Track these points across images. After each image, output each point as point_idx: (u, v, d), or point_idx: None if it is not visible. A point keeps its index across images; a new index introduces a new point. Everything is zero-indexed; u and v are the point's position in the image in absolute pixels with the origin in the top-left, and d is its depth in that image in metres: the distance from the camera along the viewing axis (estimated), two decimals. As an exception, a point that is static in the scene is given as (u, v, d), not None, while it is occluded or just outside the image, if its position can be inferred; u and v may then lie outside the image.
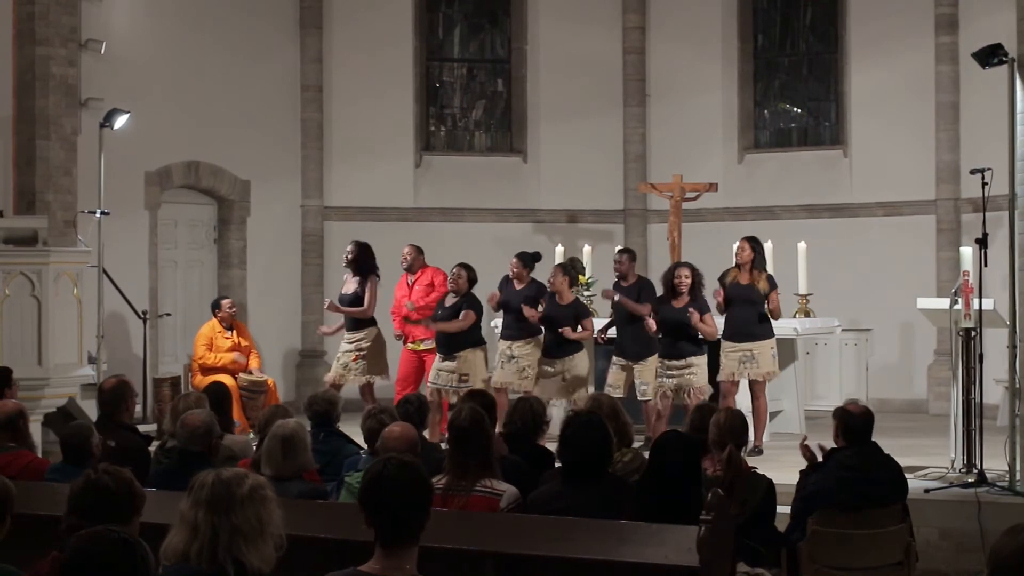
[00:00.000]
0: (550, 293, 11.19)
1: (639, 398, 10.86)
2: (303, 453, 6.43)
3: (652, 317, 10.69)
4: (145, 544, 3.67)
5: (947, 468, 9.46)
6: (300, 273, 14.86)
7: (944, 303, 9.74)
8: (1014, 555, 3.47)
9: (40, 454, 7.99)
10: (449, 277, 11.41)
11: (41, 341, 10.41)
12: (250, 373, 12.55)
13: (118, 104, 12.16)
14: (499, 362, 11.29)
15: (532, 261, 11.58)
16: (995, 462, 9.11)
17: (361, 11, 14.99)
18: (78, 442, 6.79)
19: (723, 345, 10.91)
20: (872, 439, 6.99)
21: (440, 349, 11.25)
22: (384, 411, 7.31)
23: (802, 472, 7.19)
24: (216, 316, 12.64)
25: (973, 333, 9.31)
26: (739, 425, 6.87)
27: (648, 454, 6.20)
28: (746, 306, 10.94)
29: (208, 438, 6.95)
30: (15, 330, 10.39)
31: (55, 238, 11.27)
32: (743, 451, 6.94)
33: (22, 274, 10.43)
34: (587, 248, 13.26)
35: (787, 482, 7.26)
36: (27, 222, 11.04)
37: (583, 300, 11.84)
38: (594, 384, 11.35)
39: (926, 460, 9.85)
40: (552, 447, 6.62)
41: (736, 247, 11.12)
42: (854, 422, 6.96)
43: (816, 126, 15.24)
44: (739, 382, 10.92)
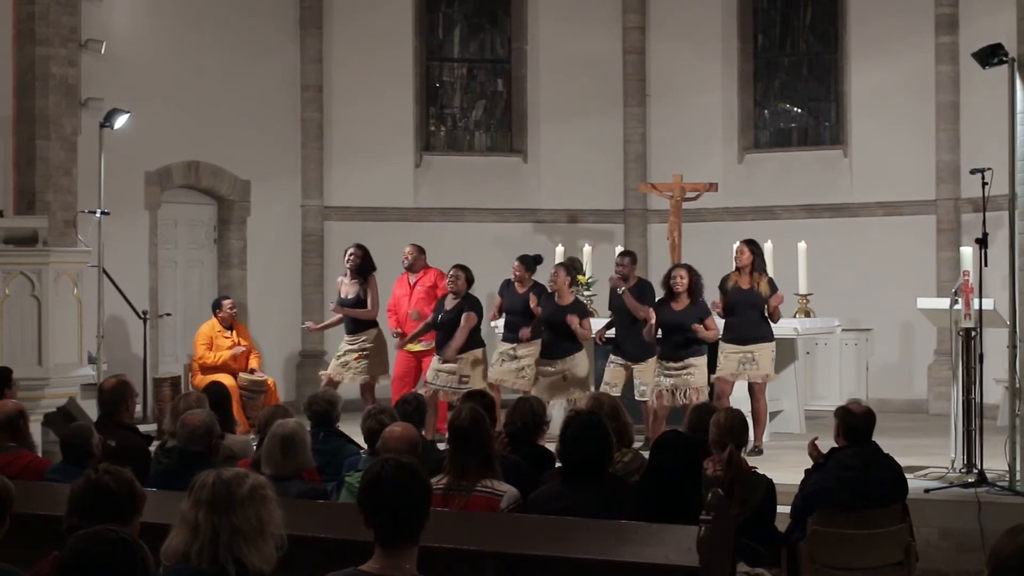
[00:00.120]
0: (549, 293, 11.17)
1: (637, 398, 10.84)
2: (302, 453, 6.43)
3: (651, 319, 10.67)
4: (144, 544, 3.67)
5: (947, 468, 9.45)
6: (300, 273, 14.85)
7: (944, 303, 9.73)
8: (1014, 555, 3.47)
9: (40, 454, 7.98)
10: (448, 279, 11.39)
11: (41, 341, 10.41)
12: (251, 372, 12.56)
13: (118, 104, 12.17)
14: (498, 360, 11.28)
15: (534, 264, 11.56)
16: (995, 462, 9.11)
17: (361, 11, 14.99)
18: (78, 442, 6.79)
19: (723, 346, 10.89)
20: (872, 439, 6.99)
21: (440, 350, 11.24)
22: (384, 411, 7.31)
23: (807, 471, 7.19)
24: (216, 316, 12.64)
25: (973, 333, 9.30)
26: (739, 425, 6.86)
27: (648, 454, 6.20)
28: (749, 311, 10.91)
29: (208, 438, 6.96)
30: (15, 330, 10.39)
31: (55, 238, 11.27)
32: (743, 451, 6.94)
33: (22, 274, 10.43)
34: (587, 248, 13.25)
35: (787, 482, 7.27)
36: (27, 222, 11.04)
37: (582, 300, 11.83)
38: (594, 384, 11.34)
39: (926, 460, 9.85)
40: (552, 447, 6.62)
41: (735, 250, 11.11)
42: (855, 422, 6.95)
43: (816, 126, 15.24)
44: (734, 382, 10.91)
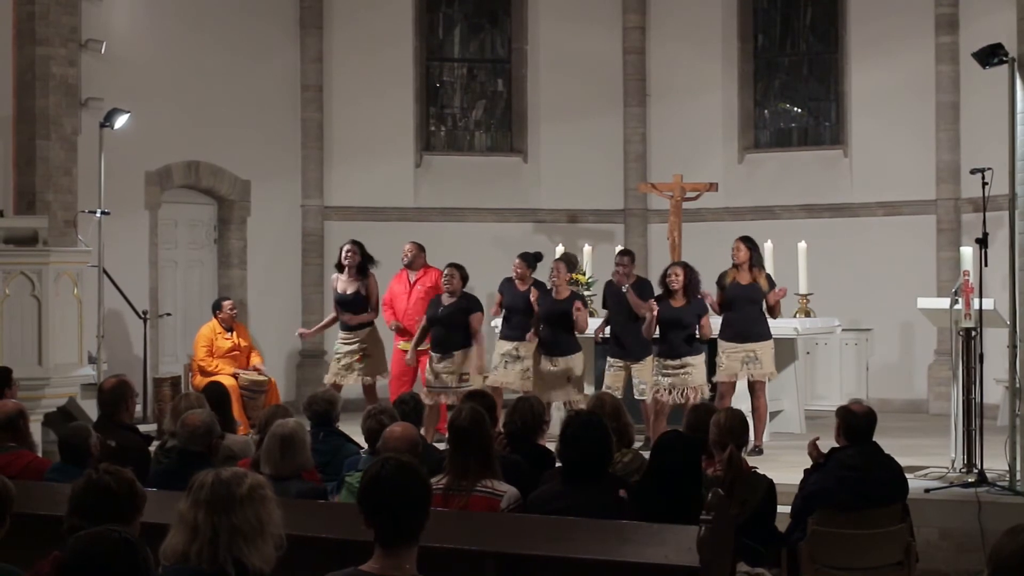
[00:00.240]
0: (547, 290, 11.13)
1: (636, 397, 10.81)
2: (302, 452, 6.42)
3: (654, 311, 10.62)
4: (146, 544, 3.67)
5: (947, 468, 9.45)
6: (300, 273, 14.85)
7: (944, 303, 9.73)
8: (1014, 555, 3.47)
9: (40, 454, 7.98)
10: (443, 278, 11.33)
11: (41, 341, 10.42)
12: (256, 370, 12.55)
13: (118, 104, 12.17)
14: (501, 362, 11.24)
15: (534, 261, 11.55)
16: (995, 462, 9.10)
17: (361, 11, 14.99)
18: (76, 442, 6.79)
19: (723, 345, 10.88)
20: (873, 439, 6.99)
21: (437, 349, 11.17)
22: (384, 411, 7.31)
23: (806, 471, 7.19)
24: (217, 317, 12.62)
25: (973, 333, 9.30)
26: (739, 425, 6.86)
27: (648, 454, 6.20)
28: (749, 306, 10.91)
29: (208, 438, 6.96)
30: (15, 330, 10.39)
31: (55, 238, 11.27)
32: (743, 451, 6.94)
33: (22, 274, 10.43)
34: (587, 248, 13.24)
35: (787, 482, 7.26)
36: (27, 222, 11.04)
37: (578, 292, 11.71)
38: (594, 384, 11.33)
39: (926, 460, 9.84)
40: (552, 447, 6.62)
41: (732, 248, 11.10)
42: (856, 422, 6.95)
43: (816, 126, 15.23)
44: (736, 383, 10.89)
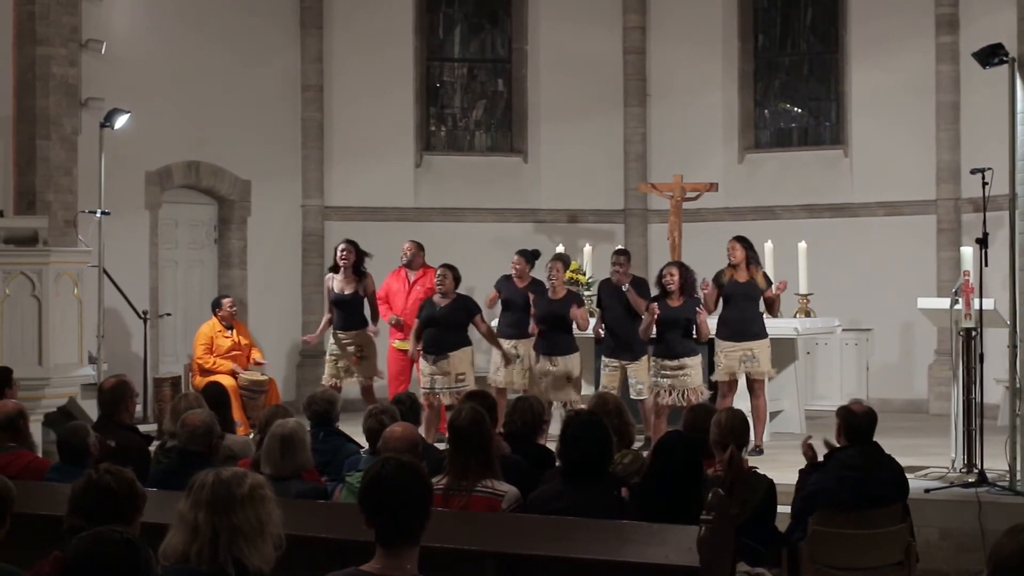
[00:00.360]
0: (543, 290, 11.11)
1: (633, 397, 10.77)
2: (301, 452, 6.42)
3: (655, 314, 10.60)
4: (147, 545, 3.67)
5: (947, 468, 9.44)
6: (300, 273, 14.85)
7: (944, 303, 9.72)
8: (1014, 555, 3.47)
9: (40, 454, 7.99)
10: (435, 278, 11.23)
11: (41, 341, 10.42)
12: (258, 365, 12.55)
13: (118, 104, 12.18)
14: (501, 362, 11.23)
15: (533, 258, 11.56)
16: (995, 462, 9.10)
17: (361, 11, 14.99)
18: (76, 442, 6.79)
19: (721, 345, 10.85)
20: (873, 439, 6.99)
21: (432, 350, 11.00)
22: (385, 411, 7.29)
23: (801, 471, 7.18)
24: (216, 315, 12.62)
25: (973, 333, 9.30)
26: (740, 425, 6.85)
27: (649, 455, 6.20)
28: (747, 304, 10.90)
29: (208, 438, 6.95)
30: (15, 330, 10.40)
31: (55, 238, 11.28)
32: (744, 451, 6.94)
33: (22, 274, 10.44)
34: (587, 248, 13.24)
35: (787, 482, 7.26)
36: (27, 222, 11.05)
37: (575, 290, 11.70)
38: (594, 384, 11.33)
39: (926, 460, 9.84)
40: (552, 447, 6.61)
41: (727, 248, 11.07)
42: (857, 422, 6.95)
43: (816, 126, 15.24)
44: (737, 382, 10.88)
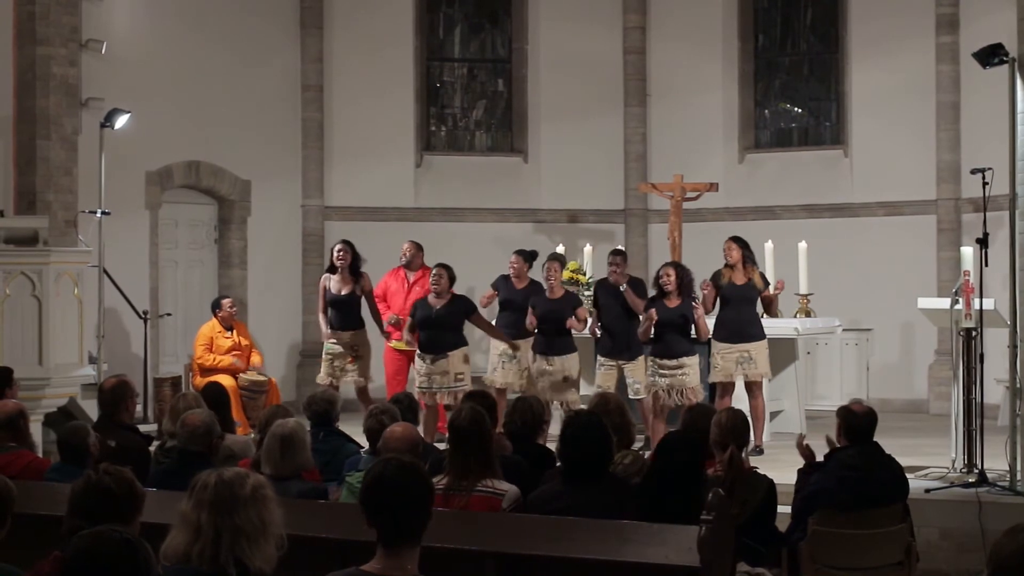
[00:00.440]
0: (540, 291, 11.09)
1: (631, 396, 10.74)
2: (302, 452, 6.41)
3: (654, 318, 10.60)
4: (147, 544, 3.67)
5: (948, 468, 9.44)
6: (300, 273, 14.84)
7: (945, 303, 9.72)
8: (1014, 555, 3.47)
9: (40, 454, 7.99)
10: (431, 278, 11.17)
11: (42, 341, 10.42)
12: (255, 369, 12.54)
13: (118, 104, 12.18)
14: (499, 362, 11.23)
15: (531, 258, 11.55)
16: (996, 462, 9.10)
17: (361, 11, 14.99)
18: (76, 442, 6.79)
19: (717, 346, 10.82)
20: (873, 439, 6.99)
21: (430, 350, 10.97)
22: (385, 411, 7.29)
23: (800, 471, 7.18)
24: (216, 316, 12.61)
25: (974, 333, 9.30)
26: (740, 425, 6.85)
27: (649, 455, 6.20)
28: (744, 305, 10.88)
29: (208, 438, 6.96)
30: (16, 330, 10.40)
31: (56, 238, 11.28)
32: (744, 451, 6.94)
33: (23, 274, 10.43)
34: (587, 248, 13.23)
35: (787, 482, 7.26)
36: (28, 222, 11.05)
37: (572, 290, 11.68)
38: (594, 384, 11.31)
39: (927, 460, 9.84)
40: (552, 447, 6.61)
41: (723, 249, 11.05)
42: (857, 422, 6.95)
43: (816, 126, 15.23)
44: (734, 384, 10.87)
